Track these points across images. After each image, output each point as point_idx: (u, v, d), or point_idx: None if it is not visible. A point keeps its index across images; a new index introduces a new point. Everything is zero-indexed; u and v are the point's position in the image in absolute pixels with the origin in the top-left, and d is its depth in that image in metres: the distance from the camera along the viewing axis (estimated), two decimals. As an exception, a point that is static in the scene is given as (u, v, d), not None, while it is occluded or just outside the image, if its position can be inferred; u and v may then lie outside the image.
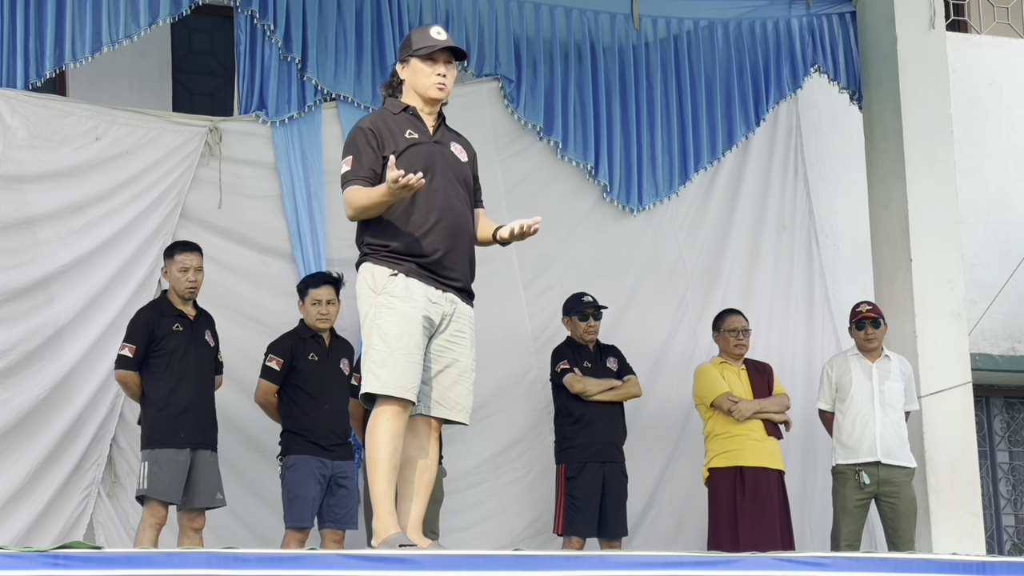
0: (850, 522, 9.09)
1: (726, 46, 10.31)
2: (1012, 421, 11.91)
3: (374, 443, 5.87)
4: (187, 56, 10.33)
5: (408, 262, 5.96)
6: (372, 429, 5.89)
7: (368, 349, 5.96)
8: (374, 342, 5.91)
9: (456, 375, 6.07)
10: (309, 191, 9.19)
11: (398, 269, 5.94)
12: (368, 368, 5.93)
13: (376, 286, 5.95)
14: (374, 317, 5.93)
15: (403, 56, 6.20)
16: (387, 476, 5.86)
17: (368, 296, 5.98)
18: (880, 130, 10.04)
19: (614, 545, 8.94)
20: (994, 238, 11.39)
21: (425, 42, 6.13)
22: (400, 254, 5.97)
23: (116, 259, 8.79)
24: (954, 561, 5.80)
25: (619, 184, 10.02)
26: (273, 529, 8.45)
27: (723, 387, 9.14)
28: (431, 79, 6.12)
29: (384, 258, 5.97)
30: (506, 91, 9.75)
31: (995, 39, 12.03)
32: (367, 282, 5.99)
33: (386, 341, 5.88)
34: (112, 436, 8.65)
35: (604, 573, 5.30)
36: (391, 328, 5.89)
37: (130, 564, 4.80)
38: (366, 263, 6.03)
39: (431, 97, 6.15)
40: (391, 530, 5.82)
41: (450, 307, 6.03)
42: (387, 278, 5.93)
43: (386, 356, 5.87)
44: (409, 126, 6.10)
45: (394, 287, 5.92)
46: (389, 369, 5.87)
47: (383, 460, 5.85)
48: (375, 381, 5.88)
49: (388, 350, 5.87)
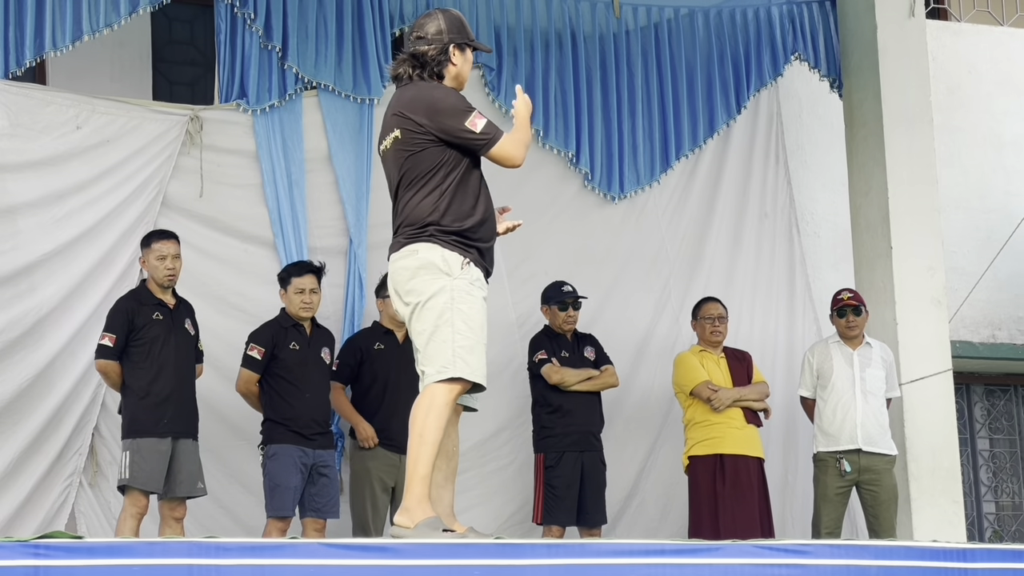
0: (831, 509, 9.12)
1: (707, 34, 10.32)
2: (992, 408, 11.94)
3: (431, 425, 5.76)
4: (167, 45, 10.31)
5: (473, 249, 5.90)
6: (431, 410, 5.78)
7: (449, 332, 5.80)
8: (458, 327, 5.80)
9: None
10: (290, 179, 9.19)
11: (468, 256, 5.87)
12: (455, 352, 5.78)
13: (450, 270, 5.83)
14: (452, 300, 5.81)
15: (460, 41, 6.04)
16: (432, 458, 5.77)
17: (438, 276, 5.83)
18: (860, 118, 10.06)
19: (594, 533, 8.96)
20: (974, 225, 11.41)
21: (472, 36, 6.10)
22: (468, 240, 5.88)
23: (98, 248, 8.77)
24: (935, 548, 5.82)
25: (600, 172, 10.03)
26: (256, 517, 8.46)
27: (702, 375, 9.16)
28: (470, 74, 6.15)
29: (455, 243, 5.85)
30: (487, 79, 9.75)
31: (975, 27, 12.06)
32: (435, 263, 5.84)
33: (472, 329, 5.81)
34: (94, 425, 8.64)
35: (583, 561, 5.30)
36: (476, 316, 5.83)
37: (111, 554, 4.80)
38: (430, 243, 5.85)
39: (463, 89, 6.11)
40: (428, 512, 5.77)
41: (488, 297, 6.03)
42: (462, 266, 5.84)
43: (474, 343, 5.82)
44: None
45: (470, 274, 5.85)
46: (477, 357, 5.83)
47: (432, 442, 5.76)
48: (465, 367, 5.79)
49: (475, 338, 5.82)
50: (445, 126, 5.89)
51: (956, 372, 9.83)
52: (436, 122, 5.89)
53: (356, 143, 9.35)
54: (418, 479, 5.78)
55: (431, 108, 5.90)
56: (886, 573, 5.61)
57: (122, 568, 4.75)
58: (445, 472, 6.00)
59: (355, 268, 9.23)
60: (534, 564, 5.22)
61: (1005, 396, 11.98)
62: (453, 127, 5.89)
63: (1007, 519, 11.85)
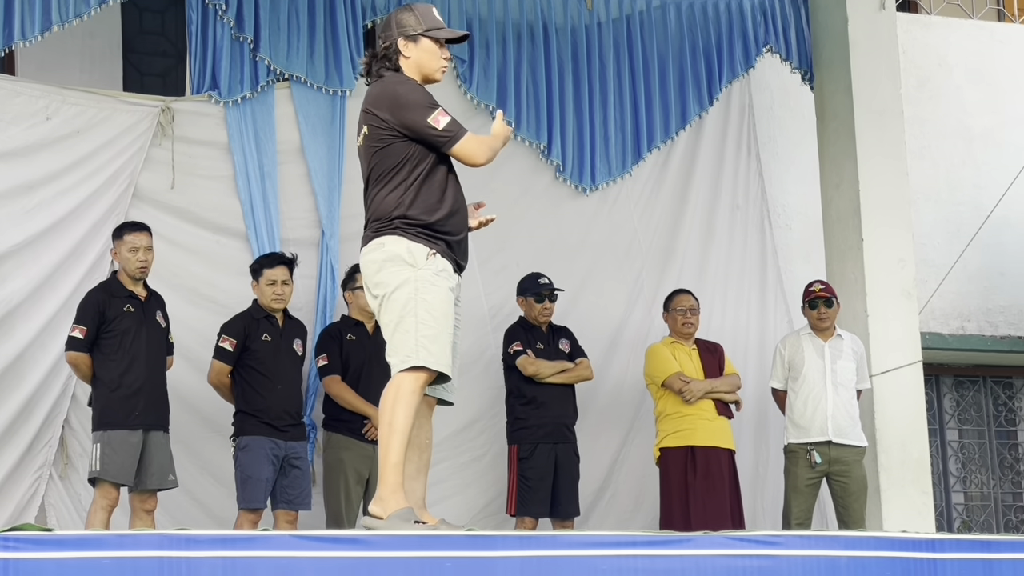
0: (801, 501, 9.14)
1: (678, 26, 10.33)
2: (961, 400, 11.99)
3: (399, 413, 5.80)
4: (138, 36, 10.27)
5: (440, 241, 5.92)
6: (399, 398, 5.81)
7: (413, 322, 5.83)
8: (422, 316, 5.83)
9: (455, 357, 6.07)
10: (263, 171, 9.17)
11: (434, 248, 5.90)
12: (417, 342, 5.81)
13: (415, 261, 5.86)
14: (416, 291, 5.84)
15: (410, 33, 6.03)
16: (403, 446, 5.80)
17: (403, 268, 5.87)
18: (831, 110, 10.09)
19: (566, 525, 8.97)
20: (944, 218, 11.45)
21: (437, 23, 6.06)
22: (436, 232, 5.91)
23: (68, 239, 8.75)
24: (904, 539, 5.84)
25: (572, 164, 10.04)
26: (228, 509, 8.45)
27: (674, 367, 9.17)
28: (439, 62, 6.07)
29: (421, 235, 5.89)
30: (459, 71, 9.74)
31: (945, 20, 12.08)
32: (400, 255, 5.88)
33: (435, 318, 5.84)
34: (64, 417, 8.62)
35: (556, 553, 5.31)
36: (439, 306, 5.86)
37: (81, 546, 4.79)
38: (396, 236, 5.90)
39: (435, 80, 6.09)
40: (402, 503, 5.78)
41: (458, 290, 6.05)
42: (426, 256, 5.87)
43: (437, 332, 5.84)
44: None
45: (435, 265, 5.88)
46: (440, 346, 5.84)
47: (402, 430, 5.79)
48: (427, 355, 5.82)
49: (439, 327, 5.84)
50: (407, 121, 5.92)
51: (926, 364, 9.86)
52: (399, 118, 5.92)
53: (328, 135, 9.34)
54: (390, 467, 5.81)
55: (394, 104, 5.94)
56: (856, 564, 5.63)
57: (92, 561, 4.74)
58: (417, 464, 6.02)
59: (327, 260, 9.22)
60: (506, 556, 5.23)
61: (974, 387, 12.04)
62: (415, 122, 5.91)
63: (976, 509, 11.91)
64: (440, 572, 5.11)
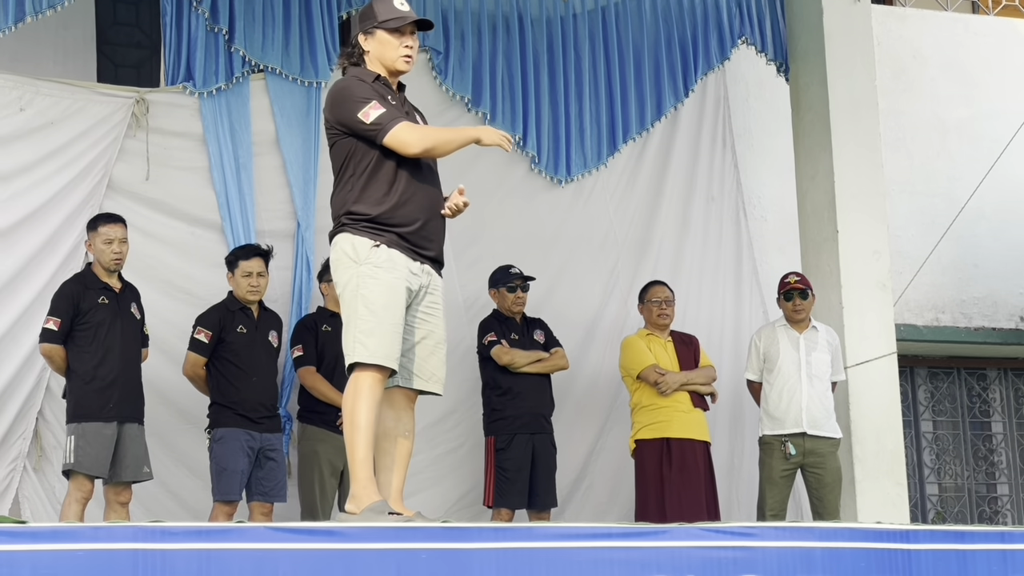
0: (776, 492, 9.16)
1: (654, 17, 10.33)
2: (936, 391, 12.03)
3: (356, 409, 5.85)
4: (112, 27, 10.24)
5: (390, 232, 5.92)
6: (354, 395, 5.87)
7: (353, 319, 5.91)
8: (360, 312, 5.88)
9: (432, 346, 6.07)
10: (238, 163, 9.16)
11: (380, 240, 5.90)
12: (355, 338, 5.88)
13: (358, 256, 5.90)
14: (357, 287, 5.89)
15: (366, 27, 6.08)
16: (368, 442, 5.84)
17: (348, 266, 5.92)
18: (807, 102, 10.09)
19: (543, 517, 8.98)
20: (918, 209, 11.48)
21: (392, 14, 6.06)
22: (382, 224, 5.92)
23: (42, 231, 8.72)
24: (878, 530, 5.86)
25: (547, 155, 10.04)
26: (203, 501, 8.44)
27: (649, 359, 9.18)
28: (399, 51, 6.07)
29: (365, 229, 5.91)
30: (434, 63, 9.73)
31: (919, 11, 12.11)
32: (346, 253, 5.93)
33: (373, 311, 5.86)
34: (38, 409, 8.59)
35: (533, 545, 5.32)
36: (377, 298, 5.87)
37: (55, 539, 4.78)
38: (344, 234, 5.96)
39: (398, 70, 6.11)
40: (374, 497, 5.80)
41: (426, 278, 6.03)
42: (369, 249, 5.89)
43: (374, 326, 5.85)
44: (386, 94, 6.05)
45: (377, 257, 5.88)
46: (377, 339, 5.85)
47: (364, 426, 5.83)
48: (363, 350, 5.86)
49: (376, 320, 5.86)
50: (341, 118, 5.97)
51: (900, 355, 9.88)
52: (335, 116, 6.00)
53: (304, 126, 9.32)
54: (359, 463, 5.84)
55: (332, 102, 6.03)
56: (831, 555, 5.65)
57: (67, 553, 4.73)
58: (393, 455, 6.02)
59: (303, 251, 9.21)
60: (482, 548, 5.24)
61: (948, 379, 12.08)
62: (347, 118, 5.96)
63: (950, 500, 11.96)
64: (415, 564, 5.11)
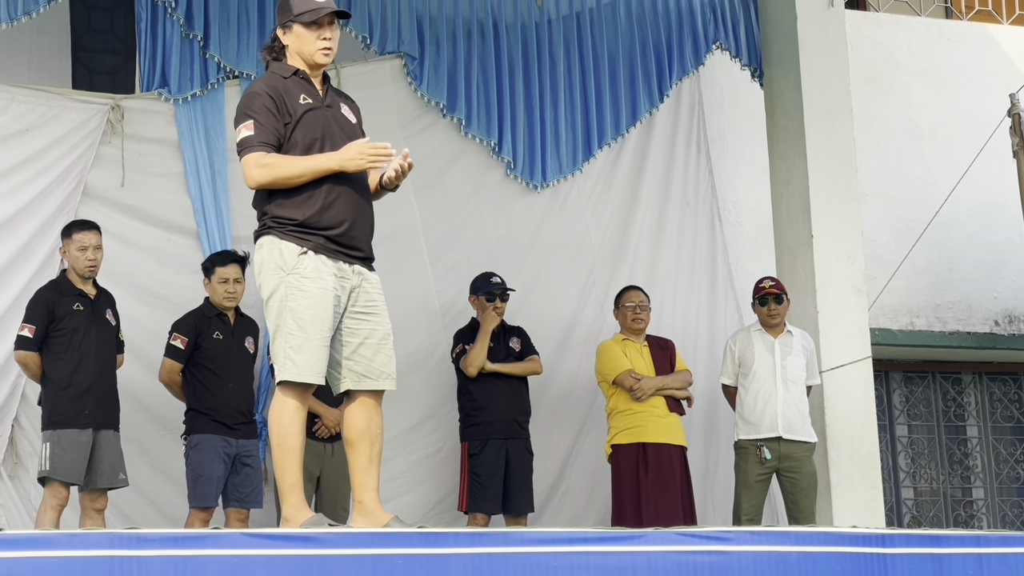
0: (751, 497, 9.18)
1: (629, 23, 10.35)
2: (911, 395, 12.07)
3: (285, 431, 5.81)
4: (86, 34, 10.22)
5: (316, 236, 5.84)
6: (281, 416, 5.82)
7: (282, 332, 5.82)
8: (289, 326, 5.79)
9: (376, 345, 5.97)
10: (213, 168, 9.15)
11: (306, 246, 5.81)
12: (285, 354, 5.80)
13: (285, 264, 5.81)
14: (284, 298, 5.80)
15: (283, 21, 6.02)
16: (297, 466, 5.80)
17: (275, 273, 5.83)
18: (781, 107, 10.12)
19: (519, 522, 8.98)
20: (892, 214, 11.51)
21: (307, 7, 5.98)
22: (308, 228, 5.83)
23: (17, 238, 8.72)
24: (854, 534, 5.87)
25: (523, 161, 10.05)
26: (179, 507, 8.43)
27: (625, 364, 9.19)
28: (316, 44, 5.99)
29: (291, 233, 5.83)
30: (409, 68, 9.73)
31: (893, 17, 12.14)
32: (273, 259, 5.84)
33: (302, 326, 5.78)
34: (14, 416, 8.58)
35: (509, 550, 5.32)
36: (305, 312, 5.78)
37: (31, 546, 4.77)
38: (270, 237, 5.88)
39: (318, 63, 6.03)
40: (308, 514, 5.78)
41: (357, 279, 5.94)
42: (296, 257, 5.80)
43: (303, 342, 5.78)
44: (302, 90, 5.97)
45: (304, 267, 5.79)
46: (306, 355, 5.78)
47: (293, 449, 5.79)
48: (293, 368, 5.79)
49: (304, 335, 5.78)
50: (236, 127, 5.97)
51: (875, 359, 9.90)
52: None
53: (278, 132, 9.30)
54: (288, 488, 5.81)
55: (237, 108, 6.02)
56: (806, 559, 5.66)
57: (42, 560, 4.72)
58: (368, 455, 5.95)
59: (278, 257, 9.19)
60: (458, 553, 5.24)
61: (923, 383, 12.11)
62: (236, 130, 5.95)
63: (925, 504, 11.99)
64: (392, 569, 5.11)
